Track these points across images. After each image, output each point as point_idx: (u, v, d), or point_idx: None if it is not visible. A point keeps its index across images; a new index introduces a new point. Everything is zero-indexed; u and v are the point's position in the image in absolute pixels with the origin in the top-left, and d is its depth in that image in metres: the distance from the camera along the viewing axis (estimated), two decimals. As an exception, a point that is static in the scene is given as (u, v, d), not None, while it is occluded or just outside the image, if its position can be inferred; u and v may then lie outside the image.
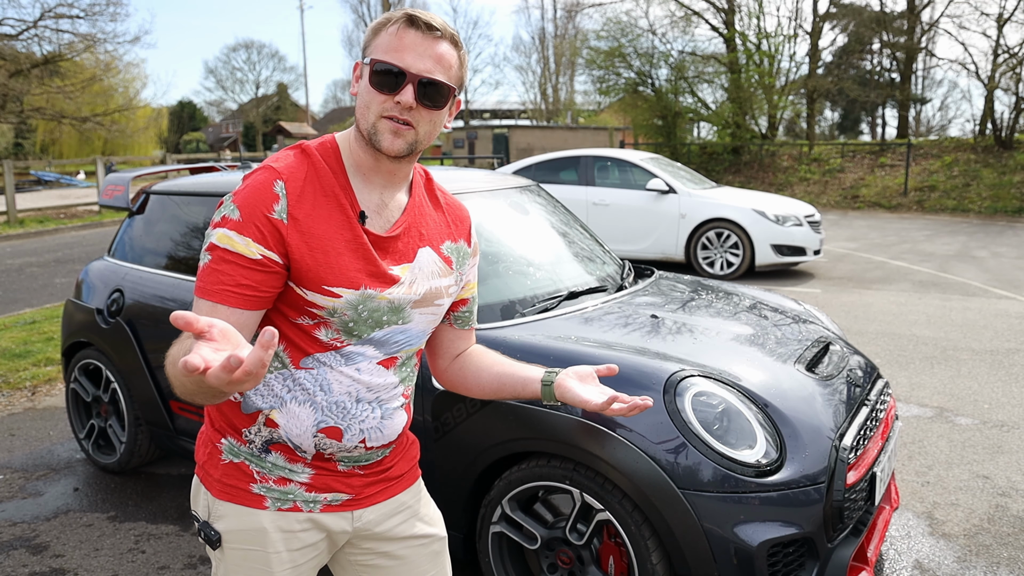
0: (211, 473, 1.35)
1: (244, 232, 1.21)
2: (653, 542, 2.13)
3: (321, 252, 1.25)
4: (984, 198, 16.49)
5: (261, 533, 1.32)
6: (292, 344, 1.29)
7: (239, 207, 1.22)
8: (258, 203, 1.22)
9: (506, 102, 50.27)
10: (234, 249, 1.20)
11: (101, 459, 3.78)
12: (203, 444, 1.39)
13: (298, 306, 1.27)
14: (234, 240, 1.20)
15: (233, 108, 57.57)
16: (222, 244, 1.20)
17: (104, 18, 27.34)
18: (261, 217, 1.22)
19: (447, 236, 1.43)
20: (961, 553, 2.95)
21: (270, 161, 1.29)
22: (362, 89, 1.27)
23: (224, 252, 1.20)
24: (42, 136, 34.70)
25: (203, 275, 1.21)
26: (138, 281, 3.52)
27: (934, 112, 40.53)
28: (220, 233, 1.21)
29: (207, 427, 1.39)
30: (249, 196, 1.23)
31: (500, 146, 24.16)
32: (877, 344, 5.89)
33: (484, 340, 2.45)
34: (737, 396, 2.25)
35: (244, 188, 1.25)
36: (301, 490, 1.35)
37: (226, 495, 1.33)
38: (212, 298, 1.19)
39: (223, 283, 1.20)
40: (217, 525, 1.33)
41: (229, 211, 1.22)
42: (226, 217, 1.22)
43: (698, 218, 8.88)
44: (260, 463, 1.33)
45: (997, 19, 19.14)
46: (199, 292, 1.21)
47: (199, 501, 1.38)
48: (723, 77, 22.67)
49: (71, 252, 11.87)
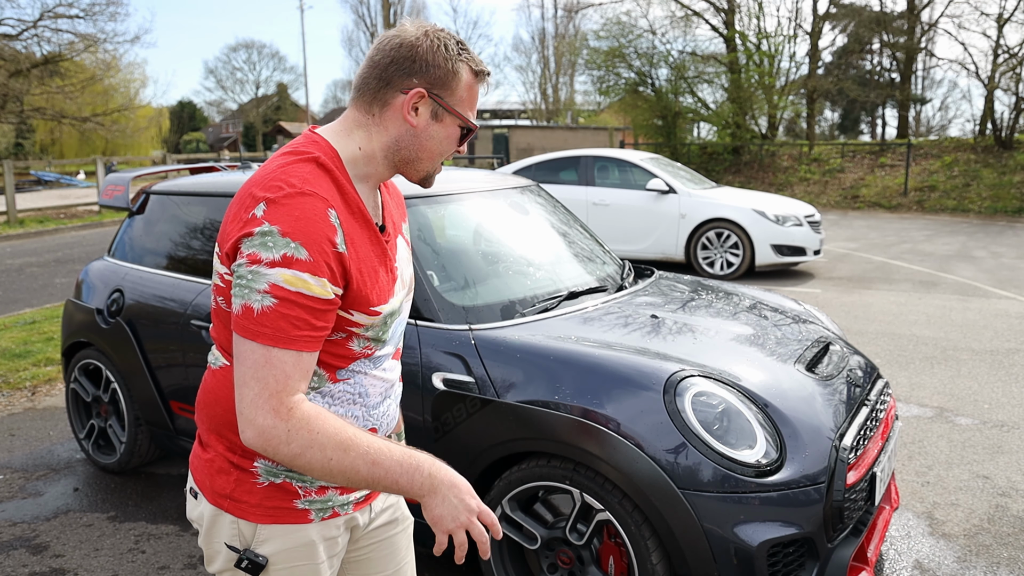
0: (245, 500, 1.29)
1: (319, 273, 1.14)
2: (653, 542, 2.13)
3: (370, 276, 1.24)
4: (984, 198, 16.49)
5: (310, 547, 1.31)
6: (326, 362, 1.27)
7: (304, 245, 1.13)
8: (322, 239, 1.15)
9: (506, 102, 50.27)
10: (310, 292, 1.14)
11: (101, 459, 3.78)
12: (220, 472, 1.30)
13: (338, 326, 1.24)
14: (309, 283, 1.13)
15: (233, 108, 57.58)
16: (293, 288, 1.13)
17: (104, 18, 27.41)
18: (330, 254, 1.16)
19: (401, 219, 1.45)
20: (961, 553, 2.95)
21: (298, 181, 1.18)
22: (441, 138, 1.28)
23: (297, 295, 1.13)
24: (42, 136, 34.72)
25: (269, 320, 1.13)
26: (138, 281, 3.52)
27: (934, 112, 40.54)
28: (288, 275, 1.12)
29: (218, 454, 1.31)
30: (311, 231, 1.14)
31: (500, 146, 24.16)
32: (877, 344, 5.89)
33: (485, 340, 2.45)
34: (737, 396, 2.25)
35: (295, 220, 1.14)
36: (337, 494, 1.34)
37: (270, 517, 1.29)
38: (295, 346, 1.14)
39: (301, 329, 1.15)
40: (262, 550, 1.29)
41: (289, 249, 1.12)
42: (289, 257, 1.12)
43: (698, 218, 8.89)
44: (301, 478, 1.30)
45: (997, 19, 19.14)
46: (270, 340, 1.13)
47: (224, 531, 1.30)
48: (723, 77, 22.67)
49: (71, 252, 11.87)
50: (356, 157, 1.27)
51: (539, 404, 2.26)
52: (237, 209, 1.19)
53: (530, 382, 2.30)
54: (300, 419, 1.14)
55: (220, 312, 1.27)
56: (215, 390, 1.31)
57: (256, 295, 1.13)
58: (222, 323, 1.28)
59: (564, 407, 2.22)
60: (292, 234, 1.13)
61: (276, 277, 1.12)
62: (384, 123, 1.27)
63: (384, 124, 1.27)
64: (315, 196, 1.17)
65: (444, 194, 3.01)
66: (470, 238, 3.09)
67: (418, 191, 2.91)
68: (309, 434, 1.14)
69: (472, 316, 2.57)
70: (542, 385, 2.28)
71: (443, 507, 1.18)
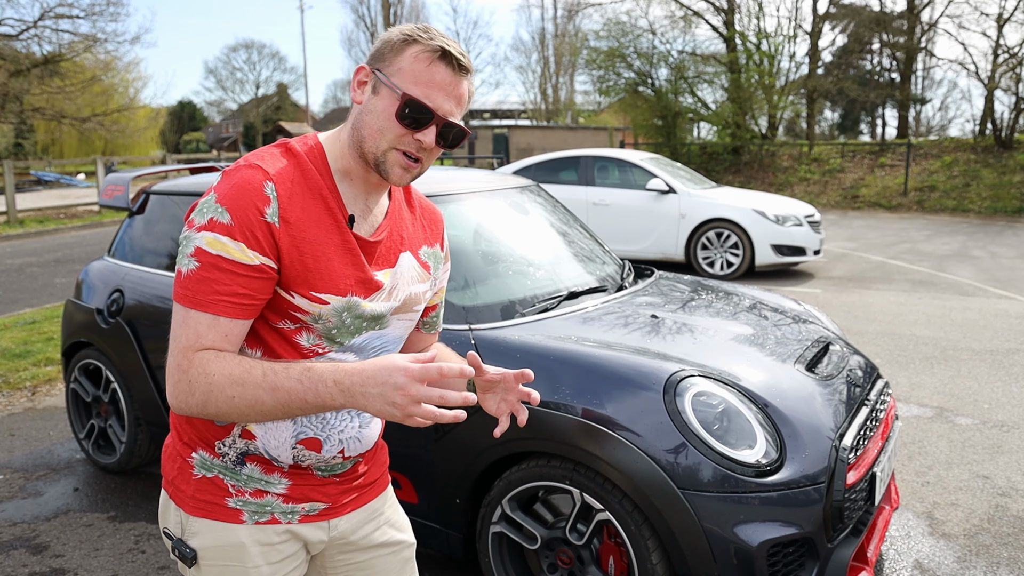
0: (182, 489, 1.29)
1: (237, 237, 1.14)
2: (653, 542, 2.13)
3: (311, 257, 1.20)
4: (984, 198, 16.49)
5: (239, 548, 1.28)
6: (270, 350, 1.23)
7: (229, 209, 1.14)
8: (249, 205, 1.15)
9: (506, 102, 50.26)
10: (228, 256, 1.13)
11: (101, 459, 3.78)
12: (171, 458, 1.32)
13: (281, 309, 1.21)
14: (227, 246, 1.13)
15: (233, 108, 57.57)
16: (213, 250, 1.13)
17: (104, 18, 27.33)
18: (254, 222, 1.15)
19: (424, 241, 1.40)
20: (961, 553, 2.95)
21: (253, 159, 1.21)
22: (378, 111, 1.20)
23: (217, 259, 1.13)
24: (42, 136, 34.71)
25: (191, 283, 1.14)
26: (138, 281, 3.52)
27: (934, 112, 40.54)
28: (210, 237, 1.13)
29: (174, 440, 1.32)
30: (239, 197, 1.15)
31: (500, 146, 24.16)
32: (877, 344, 5.89)
33: (484, 340, 2.45)
34: (737, 396, 2.25)
35: (230, 188, 1.16)
36: (279, 501, 1.30)
37: (200, 511, 1.28)
38: (210, 309, 1.14)
39: (219, 292, 1.14)
40: (192, 542, 1.28)
41: (216, 213, 1.14)
42: (214, 220, 1.14)
43: (698, 218, 8.89)
44: (235, 476, 1.28)
45: (997, 19, 19.15)
46: (189, 302, 1.14)
47: (169, 517, 1.32)
48: (723, 77, 22.67)
49: (71, 252, 11.87)
50: (340, 151, 1.26)
51: (539, 404, 2.25)
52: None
53: (530, 382, 2.30)
54: (198, 366, 1.12)
55: None
56: None
57: (185, 259, 1.15)
58: None
59: (564, 407, 2.22)
60: (222, 200, 1.15)
61: (201, 240, 1.14)
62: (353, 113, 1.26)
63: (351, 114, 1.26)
64: (257, 168, 1.18)
65: (444, 194, 3.01)
66: (470, 238, 3.09)
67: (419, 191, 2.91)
68: (206, 377, 1.12)
69: (472, 316, 2.57)
70: (542, 385, 2.28)
71: (373, 402, 1.07)
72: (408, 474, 2.57)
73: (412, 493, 2.58)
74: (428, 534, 2.59)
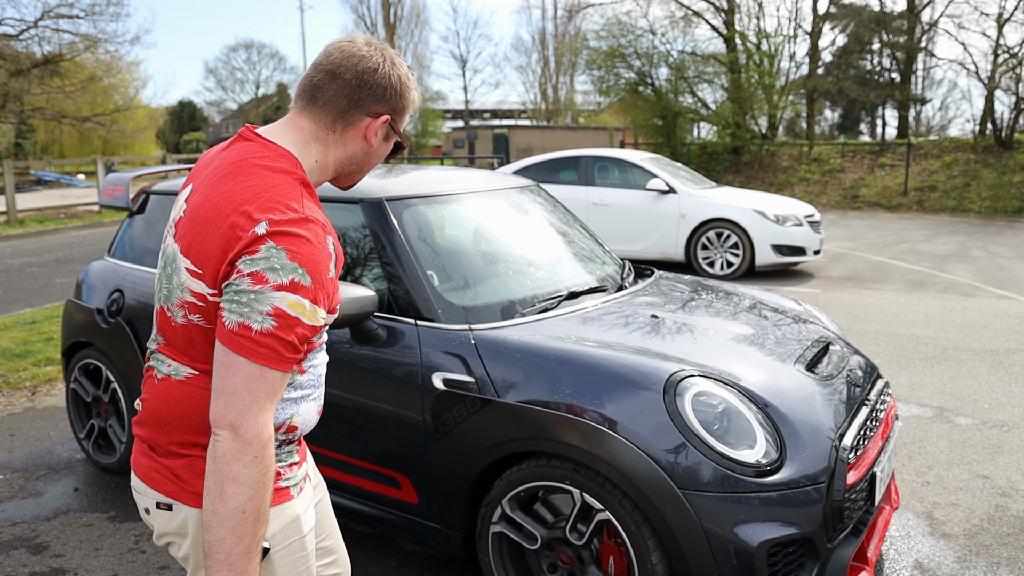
0: None
1: (319, 303, 1.22)
2: (653, 542, 2.13)
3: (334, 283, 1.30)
4: (984, 198, 16.49)
5: (296, 521, 1.36)
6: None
7: (310, 273, 1.19)
8: (324, 268, 1.22)
9: (506, 102, 50.27)
10: (305, 319, 1.20)
11: (101, 459, 3.78)
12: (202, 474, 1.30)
13: None
14: (307, 310, 1.20)
15: (233, 108, 57.55)
16: (294, 312, 1.18)
17: (104, 18, 27.31)
18: (326, 282, 1.23)
19: None
20: (961, 553, 2.95)
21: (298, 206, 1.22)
22: (381, 151, 1.40)
23: (296, 321, 1.19)
24: (42, 136, 34.70)
25: (269, 341, 1.17)
26: (138, 281, 3.52)
27: (934, 112, 40.53)
28: (292, 300, 1.18)
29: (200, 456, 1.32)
30: (317, 262, 1.20)
31: (500, 146, 24.16)
32: (877, 344, 5.90)
33: (484, 340, 2.45)
34: (737, 396, 2.25)
35: (302, 246, 1.19)
36: (299, 468, 1.42)
37: None
38: (285, 368, 1.21)
39: (293, 352, 1.21)
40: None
41: (297, 275, 1.18)
42: (296, 283, 1.18)
43: (698, 218, 8.89)
44: (280, 460, 1.37)
45: (997, 19, 19.14)
46: (266, 361, 1.18)
47: None
48: (723, 77, 22.67)
49: (71, 252, 11.87)
50: (312, 168, 1.34)
51: (539, 404, 2.26)
52: (229, 227, 1.19)
53: (530, 382, 2.30)
54: (270, 453, 1.21)
55: (191, 328, 1.27)
56: (187, 400, 1.31)
57: (257, 315, 1.17)
58: (186, 338, 1.29)
59: (564, 407, 2.22)
60: (300, 261, 1.18)
61: (281, 301, 1.17)
62: (344, 140, 1.35)
63: (344, 141, 1.35)
64: (317, 223, 1.23)
65: (444, 194, 3.01)
66: (470, 238, 3.09)
67: (419, 191, 2.92)
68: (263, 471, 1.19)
69: (472, 316, 2.57)
70: (542, 385, 2.28)
71: None
72: (408, 474, 2.57)
73: (412, 493, 2.58)
74: (428, 534, 2.59)
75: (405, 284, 2.62)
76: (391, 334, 2.58)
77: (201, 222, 1.23)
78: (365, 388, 2.61)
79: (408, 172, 3.27)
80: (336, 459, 2.74)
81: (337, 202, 2.88)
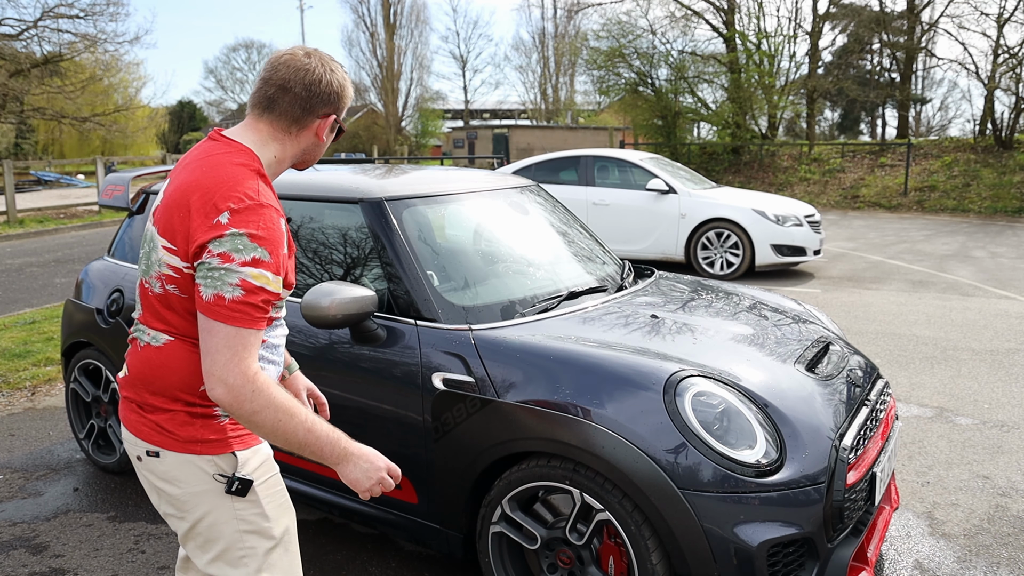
0: (218, 436, 1.56)
1: (278, 273, 1.47)
2: (653, 542, 2.13)
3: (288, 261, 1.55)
4: (984, 198, 16.49)
5: (270, 458, 1.65)
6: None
7: (268, 251, 1.44)
8: (280, 244, 1.47)
9: (506, 102, 50.24)
10: (268, 287, 1.45)
11: (101, 459, 3.78)
12: (183, 424, 1.55)
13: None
14: (269, 279, 1.45)
15: (233, 108, 57.54)
16: (257, 282, 1.43)
17: (104, 18, 27.24)
18: (280, 256, 1.48)
19: None
20: (961, 553, 2.95)
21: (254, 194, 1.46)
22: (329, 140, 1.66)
23: (260, 289, 1.43)
24: (42, 136, 34.69)
25: (240, 307, 1.42)
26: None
27: (934, 112, 40.55)
28: (255, 272, 1.43)
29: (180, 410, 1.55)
30: (272, 239, 1.45)
31: (500, 146, 24.17)
32: (877, 344, 5.89)
33: (484, 340, 2.45)
34: (737, 396, 2.25)
35: (261, 228, 1.44)
36: None
37: (241, 443, 1.58)
38: (256, 326, 1.45)
39: (261, 313, 1.45)
40: (245, 471, 1.56)
41: (257, 252, 1.43)
42: (257, 259, 1.42)
43: (698, 218, 8.88)
44: None
45: (997, 19, 19.13)
46: (240, 322, 1.42)
47: (206, 469, 1.55)
48: (723, 77, 22.66)
49: (71, 252, 11.87)
50: (271, 163, 1.59)
51: (539, 404, 2.26)
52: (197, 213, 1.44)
53: (530, 382, 2.30)
54: (262, 383, 1.42)
55: (170, 297, 1.51)
56: (167, 363, 1.54)
57: (228, 287, 1.41)
58: (167, 306, 1.53)
59: (564, 407, 2.22)
60: (259, 241, 1.43)
61: (246, 274, 1.42)
62: (299, 139, 1.61)
63: (299, 139, 1.61)
64: (271, 208, 1.48)
65: (444, 194, 3.01)
66: (470, 238, 3.09)
67: (419, 191, 2.91)
68: (267, 397, 1.42)
69: (472, 316, 2.57)
70: (542, 385, 2.28)
71: (356, 472, 1.50)
72: (408, 474, 2.57)
73: (412, 493, 2.58)
74: (428, 534, 2.59)
75: (405, 284, 2.61)
76: (391, 334, 2.58)
77: (172, 207, 1.48)
78: (365, 388, 2.61)
79: (408, 172, 3.27)
80: (336, 459, 2.74)
81: (337, 202, 2.88)
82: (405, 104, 40.93)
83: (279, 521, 1.62)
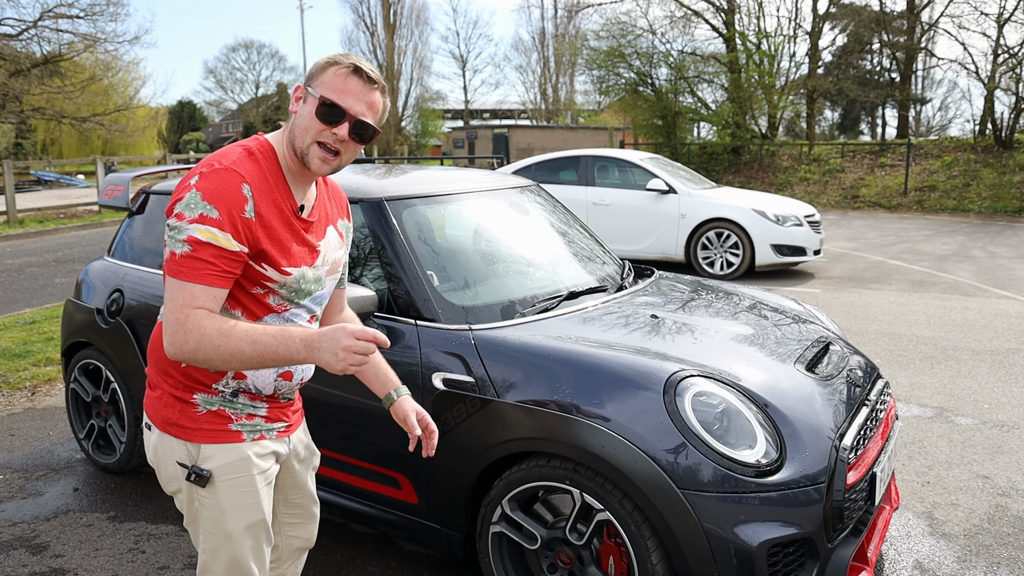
0: (188, 425, 1.61)
1: (225, 229, 1.47)
2: (653, 542, 2.13)
3: (277, 242, 1.56)
4: (984, 198, 16.49)
5: (246, 461, 1.64)
6: (248, 310, 1.60)
7: (216, 207, 1.46)
8: (233, 204, 1.48)
9: (506, 102, 50.26)
10: (217, 244, 1.46)
11: (101, 459, 3.78)
12: (167, 405, 1.62)
13: (255, 279, 1.57)
14: (217, 236, 1.46)
15: (233, 108, 57.56)
16: (204, 238, 1.45)
17: (104, 18, 27.23)
18: (237, 217, 1.48)
19: (338, 216, 1.79)
20: (961, 553, 2.95)
21: (227, 161, 1.51)
22: (304, 114, 1.56)
23: (207, 245, 1.46)
24: (42, 136, 34.68)
25: (186, 262, 1.45)
26: (138, 281, 3.52)
27: (934, 112, 40.56)
28: (202, 229, 1.45)
29: (165, 390, 1.63)
30: (224, 197, 1.47)
31: (500, 146, 24.17)
32: (877, 344, 5.89)
33: (484, 340, 2.45)
34: (737, 396, 2.25)
35: (215, 188, 1.47)
36: (263, 422, 1.69)
37: (210, 438, 1.61)
38: (203, 281, 1.46)
39: (211, 270, 1.47)
40: (207, 465, 1.61)
41: (205, 209, 1.46)
42: (204, 216, 1.45)
43: (698, 218, 8.88)
44: (232, 406, 1.64)
45: (997, 19, 19.13)
46: (185, 276, 1.45)
47: (176, 452, 1.62)
48: (723, 77, 22.66)
49: (71, 252, 11.87)
50: (283, 151, 1.60)
51: (539, 404, 2.26)
52: (183, 181, 1.52)
53: (530, 382, 2.30)
54: (193, 320, 1.45)
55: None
56: (158, 335, 1.63)
57: (178, 244, 1.46)
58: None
59: (564, 407, 2.22)
60: (209, 199, 1.46)
61: (193, 231, 1.46)
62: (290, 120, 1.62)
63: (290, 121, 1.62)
64: (234, 172, 1.50)
65: (444, 194, 3.01)
66: (470, 238, 3.09)
67: (419, 191, 2.91)
68: (199, 330, 1.44)
69: (472, 316, 2.57)
70: (542, 385, 2.28)
71: (324, 353, 1.44)
72: (408, 474, 2.57)
73: (412, 493, 2.58)
74: (428, 534, 2.59)
75: (405, 284, 2.61)
76: (391, 334, 2.58)
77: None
78: (365, 388, 2.61)
79: (408, 172, 3.27)
80: (336, 459, 2.74)
81: (337, 202, 2.87)
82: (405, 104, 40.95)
83: (238, 519, 1.64)
